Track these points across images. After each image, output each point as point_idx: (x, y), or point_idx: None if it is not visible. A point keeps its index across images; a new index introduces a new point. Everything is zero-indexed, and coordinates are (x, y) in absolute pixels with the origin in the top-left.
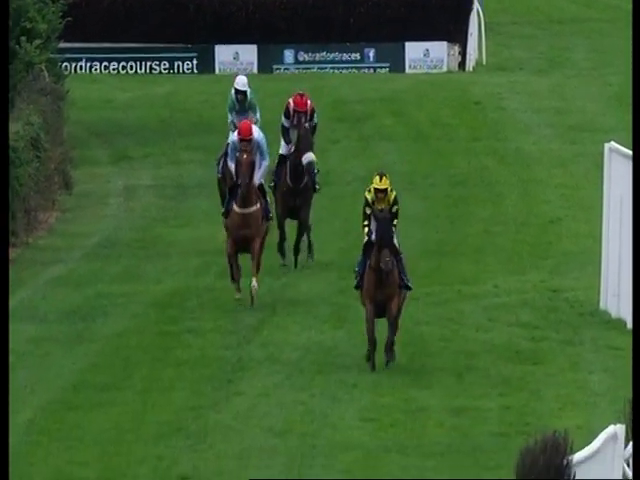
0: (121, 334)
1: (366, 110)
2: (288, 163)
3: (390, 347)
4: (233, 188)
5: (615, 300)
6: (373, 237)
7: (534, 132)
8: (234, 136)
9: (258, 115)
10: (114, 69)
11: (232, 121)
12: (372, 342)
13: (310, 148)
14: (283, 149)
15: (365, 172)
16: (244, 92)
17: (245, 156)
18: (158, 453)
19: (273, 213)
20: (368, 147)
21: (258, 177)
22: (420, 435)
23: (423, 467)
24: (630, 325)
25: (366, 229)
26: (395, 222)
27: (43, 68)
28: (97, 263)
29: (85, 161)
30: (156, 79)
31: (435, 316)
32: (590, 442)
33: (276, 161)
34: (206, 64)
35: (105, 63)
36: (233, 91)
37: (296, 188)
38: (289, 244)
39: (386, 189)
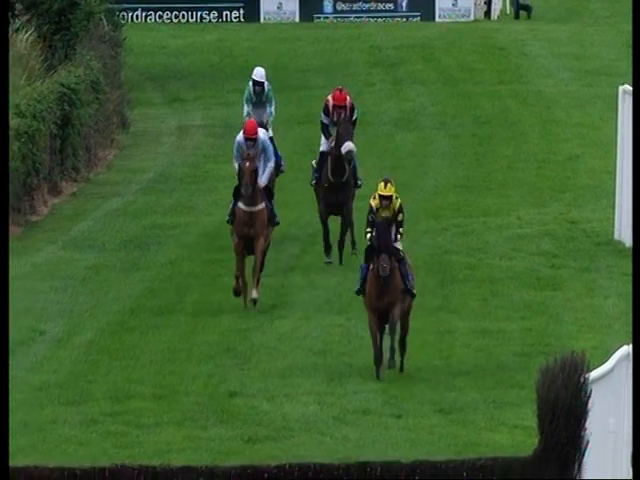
0: (174, 262)
1: (399, 56)
2: (329, 158)
3: (393, 355)
4: (237, 190)
5: (628, 230)
6: (373, 241)
7: (554, 76)
8: (239, 135)
9: (273, 108)
10: (167, 18)
11: (248, 112)
12: (377, 350)
13: (350, 138)
14: (323, 146)
15: (399, 113)
16: (261, 84)
17: (247, 164)
18: (208, 371)
19: (280, 218)
20: (401, 90)
21: (263, 180)
22: (448, 355)
23: (451, 385)
24: None
25: (368, 235)
26: (401, 230)
27: (102, 17)
28: (152, 196)
29: (141, 103)
30: (206, 27)
31: (462, 246)
32: (605, 361)
33: (317, 158)
34: (252, 13)
35: (159, 13)
36: (251, 82)
37: (337, 183)
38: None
39: (391, 196)
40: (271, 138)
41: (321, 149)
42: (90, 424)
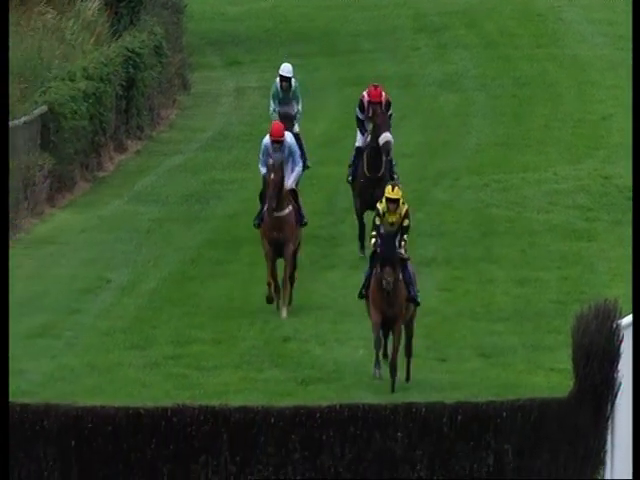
0: (232, 215)
1: (443, 21)
2: (365, 153)
3: (407, 372)
4: (264, 195)
5: None
6: (378, 251)
7: (588, 40)
8: (266, 138)
9: (300, 106)
10: None
11: (274, 109)
12: (378, 347)
13: (388, 129)
14: (359, 141)
15: (442, 75)
16: (288, 79)
17: (273, 176)
18: (264, 318)
19: (307, 218)
20: (445, 54)
21: (290, 182)
22: (489, 303)
23: (491, 331)
24: None
25: (373, 240)
26: (405, 237)
27: None
28: (211, 153)
29: (201, 66)
30: None
31: (502, 200)
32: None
33: (352, 153)
34: None
35: None
36: (278, 79)
37: (374, 177)
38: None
39: (398, 199)
40: (297, 134)
41: (357, 144)
42: (153, 367)
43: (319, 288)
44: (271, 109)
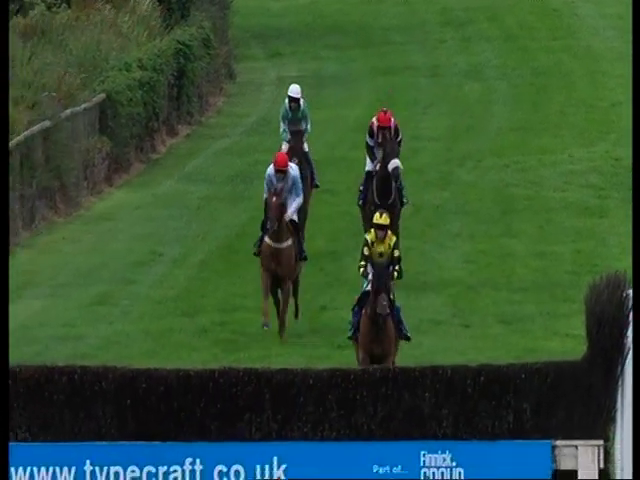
0: None
1: (467, 16)
2: (374, 180)
3: None
4: (265, 225)
5: None
6: (369, 286)
7: (601, 33)
8: (270, 168)
9: (309, 126)
10: None
11: (284, 130)
12: None
13: (396, 156)
14: (369, 166)
15: (467, 66)
16: (297, 100)
17: (275, 199)
18: (302, 287)
19: (307, 252)
20: (469, 46)
21: (290, 212)
22: (509, 274)
23: (511, 300)
24: None
25: (362, 269)
26: (397, 267)
27: None
28: (255, 137)
29: (245, 57)
30: None
31: (521, 179)
32: None
33: (363, 177)
34: None
35: None
36: (287, 100)
37: (384, 205)
38: None
39: (386, 226)
40: (307, 153)
41: (366, 169)
42: (202, 333)
43: (354, 260)
44: (281, 129)
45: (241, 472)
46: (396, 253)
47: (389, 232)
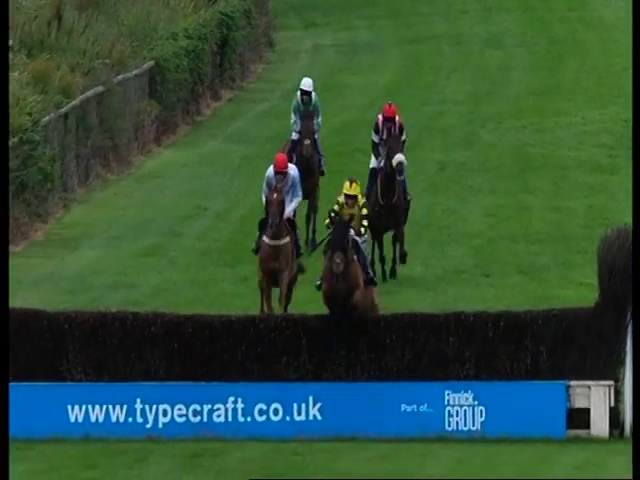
0: None
1: None
2: (379, 178)
3: None
4: (263, 223)
5: None
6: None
7: (612, 5)
8: (270, 169)
9: (320, 119)
10: None
11: (295, 121)
12: None
13: (400, 151)
14: (373, 163)
15: (487, 35)
16: (309, 93)
17: (275, 195)
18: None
19: (303, 248)
20: (490, 16)
21: (289, 211)
22: (527, 226)
23: (529, 251)
24: None
25: (327, 220)
26: (365, 222)
27: None
28: (292, 101)
29: (284, 27)
30: None
31: (537, 140)
32: None
33: (368, 174)
34: None
35: None
36: (299, 92)
37: (388, 205)
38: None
39: (356, 196)
40: (316, 143)
41: (371, 166)
42: (243, 281)
43: None
44: (292, 121)
45: (279, 410)
46: (364, 211)
47: (358, 198)
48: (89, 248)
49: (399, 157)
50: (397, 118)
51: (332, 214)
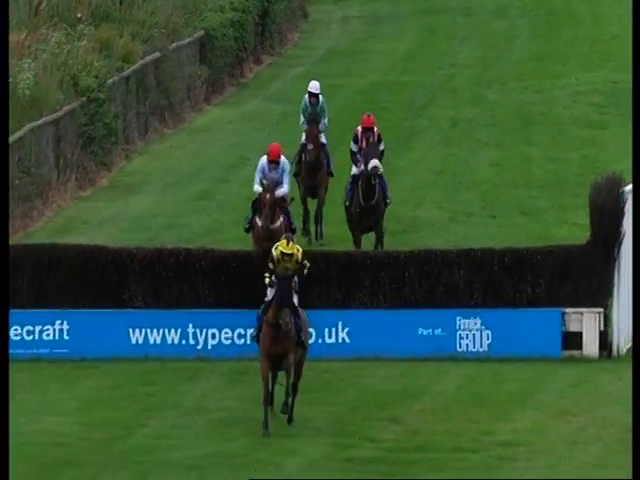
0: (340, 109)
1: None
2: (359, 182)
3: (290, 407)
4: (256, 204)
5: None
6: (272, 296)
7: None
8: (263, 158)
9: (326, 120)
10: None
11: (304, 122)
12: (267, 393)
13: (376, 156)
14: (354, 170)
15: (494, 7)
16: (317, 95)
17: (268, 196)
18: None
19: (297, 225)
20: None
21: (280, 192)
22: (527, 174)
23: (529, 195)
24: None
25: (267, 280)
26: (305, 271)
27: None
28: (323, 65)
29: (316, 0)
30: None
31: (537, 99)
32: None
33: (349, 180)
34: None
35: None
36: (307, 95)
37: (368, 206)
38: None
39: (292, 254)
40: (324, 145)
41: (352, 173)
42: None
43: (402, 164)
44: (301, 121)
45: (312, 333)
46: (305, 262)
47: (294, 255)
48: (148, 193)
49: (374, 162)
50: (375, 129)
51: (268, 274)
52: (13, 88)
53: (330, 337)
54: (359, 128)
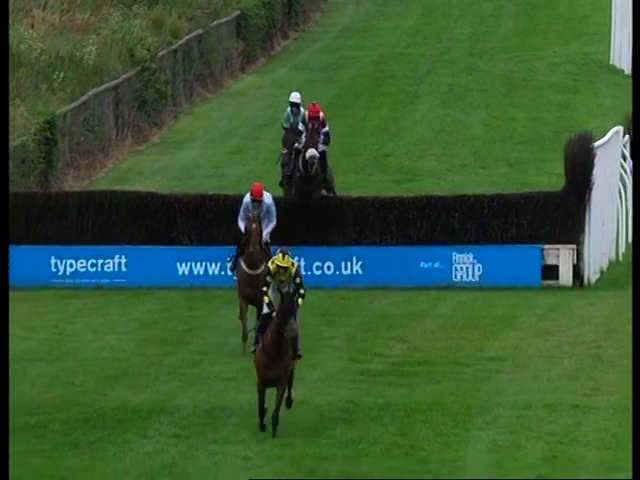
0: (354, 77)
1: None
2: (300, 156)
3: (276, 420)
4: (241, 246)
5: (622, 58)
6: (267, 309)
7: None
8: (247, 196)
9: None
10: None
11: (285, 126)
12: (262, 408)
13: (314, 146)
14: (297, 144)
15: None
16: (298, 105)
17: (254, 226)
18: (375, 139)
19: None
20: None
21: (265, 234)
22: (512, 132)
23: (514, 149)
24: (627, 71)
25: (265, 298)
26: (302, 291)
27: None
28: (340, 40)
29: None
30: None
31: (521, 68)
32: (603, 136)
33: (293, 155)
34: None
35: None
36: (289, 105)
37: (308, 175)
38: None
39: (287, 267)
40: (323, 152)
41: (295, 145)
42: None
43: (408, 124)
44: (282, 124)
45: (331, 266)
46: (297, 280)
47: (289, 269)
48: (192, 148)
49: (311, 152)
50: (321, 115)
51: (269, 279)
52: (79, 59)
53: (346, 269)
54: (307, 113)
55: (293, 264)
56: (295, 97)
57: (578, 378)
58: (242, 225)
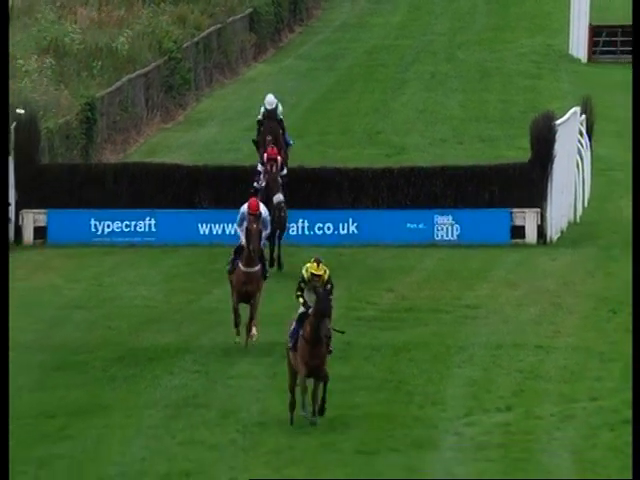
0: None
1: None
2: (269, 204)
3: (322, 408)
4: (239, 250)
5: (576, 46)
6: (310, 309)
7: None
8: (245, 208)
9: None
10: None
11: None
12: (293, 402)
13: (278, 190)
14: (255, 184)
15: None
16: (274, 107)
17: (255, 226)
18: (370, 119)
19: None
20: None
21: (260, 243)
22: (486, 112)
23: (488, 127)
24: (584, 60)
25: (301, 299)
26: (331, 297)
27: None
28: (340, 34)
29: None
30: None
31: (493, 58)
32: (564, 115)
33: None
34: None
35: None
36: (262, 107)
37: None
38: None
39: (321, 275)
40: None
41: (254, 185)
42: (308, 147)
43: (396, 106)
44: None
45: (331, 227)
46: (328, 286)
47: (322, 276)
48: (212, 126)
49: (278, 197)
50: (279, 158)
51: (303, 286)
52: (115, 50)
53: (343, 230)
54: (265, 155)
55: (326, 271)
56: (270, 101)
57: (541, 323)
58: (239, 231)
